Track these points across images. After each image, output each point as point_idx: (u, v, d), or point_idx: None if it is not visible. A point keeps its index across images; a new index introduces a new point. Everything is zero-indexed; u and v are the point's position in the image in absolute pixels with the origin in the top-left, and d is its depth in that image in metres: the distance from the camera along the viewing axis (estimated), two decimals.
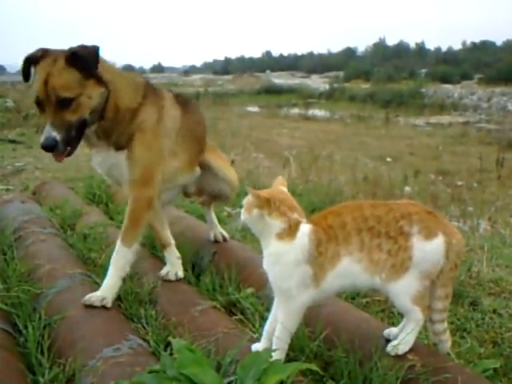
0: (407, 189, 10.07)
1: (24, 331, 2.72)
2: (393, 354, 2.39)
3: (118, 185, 3.33)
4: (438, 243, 2.27)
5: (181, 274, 3.46)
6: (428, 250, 2.27)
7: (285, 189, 2.44)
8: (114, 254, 3.09)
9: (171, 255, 3.49)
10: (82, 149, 2.97)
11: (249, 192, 2.33)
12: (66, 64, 2.68)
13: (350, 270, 2.30)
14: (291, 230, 2.31)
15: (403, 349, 2.39)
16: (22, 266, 3.50)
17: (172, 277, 3.41)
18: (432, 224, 2.30)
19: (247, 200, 2.36)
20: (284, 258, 2.31)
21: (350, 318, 2.75)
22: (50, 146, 2.64)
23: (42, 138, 2.64)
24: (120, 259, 3.08)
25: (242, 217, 2.40)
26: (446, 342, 2.49)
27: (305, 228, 2.31)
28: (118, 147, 3.02)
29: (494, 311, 3.32)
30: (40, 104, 2.70)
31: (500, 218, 7.58)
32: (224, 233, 4.10)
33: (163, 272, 3.44)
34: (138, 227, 3.13)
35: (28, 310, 2.96)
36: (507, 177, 12.60)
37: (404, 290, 2.30)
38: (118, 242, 3.10)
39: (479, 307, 3.39)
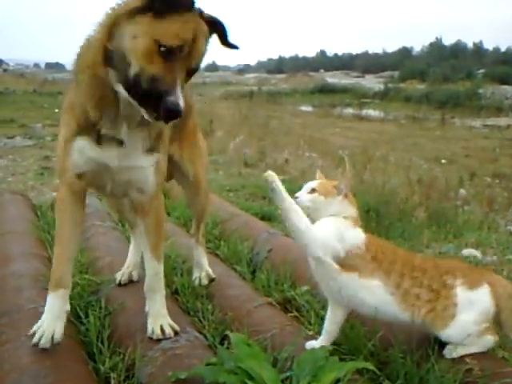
0: (462, 191, 9.90)
1: (85, 320, 2.80)
2: (449, 356, 2.38)
3: (105, 192, 2.58)
4: (483, 292, 2.34)
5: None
6: (474, 298, 2.33)
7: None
8: (154, 276, 2.67)
9: None
10: None
11: (320, 177, 2.54)
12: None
13: (378, 293, 2.40)
14: (355, 222, 2.47)
15: (460, 352, 2.38)
16: (83, 258, 3.59)
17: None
18: (476, 277, 2.38)
19: (323, 185, 2.50)
20: (345, 230, 2.43)
21: None
22: (180, 112, 2.02)
23: (174, 98, 2.00)
24: (160, 279, 2.71)
25: (307, 200, 2.49)
26: None
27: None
28: (149, 149, 2.44)
29: None
30: (170, 53, 2.03)
31: None
32: (210, 273, 3.39)
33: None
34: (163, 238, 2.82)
35: (89, 300, 3.03)
36: None
37: (457, 337, 2.37)
38: (154, 262, 2.65)
39: None
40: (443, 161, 15.87)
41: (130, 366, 2.42)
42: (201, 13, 2.14)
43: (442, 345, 2.42)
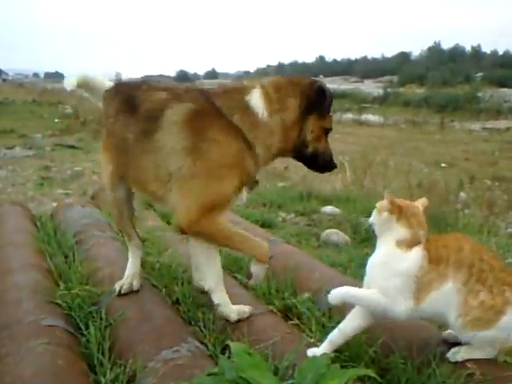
0: (462, 195, 9.90)
1: (85, 332, 2.79)
2: (453, 360, 2.38)
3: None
4: None
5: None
6: None
7: (421, 207, 2.55)
8: None
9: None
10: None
11: (386, 197, 2.48)
12: None
13: (448, 296, 2.35)
14: (411, 242, 2.41)
15: (463, 356, 2.38)
16: (83, 269, 3.58)
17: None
18: None
19: (381, 203, 2.51)
20: (397, 264, 2.39)
21: (407, 325, 2.71)
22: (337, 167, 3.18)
23: (334, 161, 3.11)
24: None
25: (372, 217, 2.54)
26: None
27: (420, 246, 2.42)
28: None
29: None
30: (327, 132, 3.01)
31: None
32: None
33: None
34: None
35: (89, 311, 3.03)
36: None
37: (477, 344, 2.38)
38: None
39: None
40: (443, 164, 15.90)
41: (131, 377, 2.42)
42: None
43: (442, 351, 2.43)
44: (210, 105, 2.79)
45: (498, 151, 20.19)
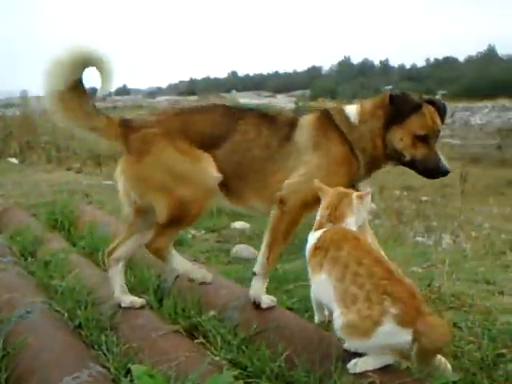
0: (372, 206, 10.14)
1: None
2: (352, 371, 2.42)
3: None
4: (405, 335, 2.31)
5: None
6: (396, 334, 2.32)
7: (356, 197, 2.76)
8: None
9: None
10: (41, 174, 2.96)
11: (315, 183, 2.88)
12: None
13: (325, 287, 2.50)
14: (318, 225, 2.76)
15: (362, 367, 2.42)
16: None
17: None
18: (411, 316, 2.33)
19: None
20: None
21: (311, 337, 2.77)
22: (449, 171, 3.21)
23: (444, 164, 3.18)
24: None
25: None
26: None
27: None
28: None
29: (455, 325, 3.36)
30: (424, 138, 3.17)
31: (462, 232, 7.67)
32: None
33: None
34: None
35: None
36: (470, 192, 12.79)
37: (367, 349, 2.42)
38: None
39: None
40: None
41: None
42: (427, 101, 3.28)
43: (345, 361, 2.46)
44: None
45: None
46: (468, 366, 2.84)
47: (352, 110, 3.35)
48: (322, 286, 2.52)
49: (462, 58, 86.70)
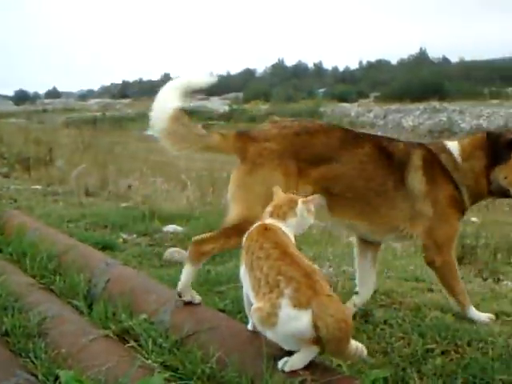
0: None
1: None
2: (281, 369, 2.42)
3: None
4: (304, 317, 2.29)
5: None
6: (293, 318, 2.31)
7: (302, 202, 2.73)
8: None
9: None
10: None
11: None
12: None
13: (245, 278, 2.55)
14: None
15: (292, 366, 2.41)
16: None
17: None
18: (305, 296, 2.32)
19: None
20: None
21: (243, 338, 2.78)
22: None
23: None
24: None
25: None
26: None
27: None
28: None
29: (385, 322, 3.43)
30: None
31: None
32: None
33: None
34: None
35: None
36: None
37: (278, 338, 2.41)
38: None
39: (371, 319, 3.51)
40: None
41: None
42: None
43: (276, 360, 2.48)
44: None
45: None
46: (398, 362, 2.90)
47: (454, 147, 3.56)
48: (243, 278, 2.57)
49: (394, 61, 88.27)
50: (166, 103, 3.33)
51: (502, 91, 49.77)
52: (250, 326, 2.79)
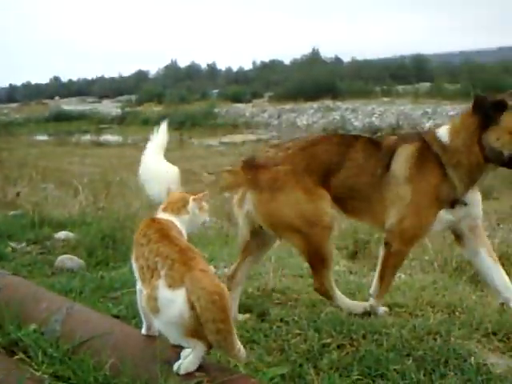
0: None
1: None
2: (179, 372, 2.41)
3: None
4: (179, 295, 2.30)
5: None
6: (171, 299, 2.32)
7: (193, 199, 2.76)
8: None
9: None
10: None
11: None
12: None
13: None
14: None
15: (187, 368, 2.40)
16: None
17: None
18: (179, 273, 2.32)
19: None
20: None
21: (137, 343, 2.74)
22: None
23: None
24: None
25: None
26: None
27: None
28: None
29: (282, 320, 3.48)
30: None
31: None
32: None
33: None
34: None
35: None
36: None
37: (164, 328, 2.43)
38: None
39: (267, 317, 3.56)
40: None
41: None
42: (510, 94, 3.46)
43: (171, 363, 2.46)
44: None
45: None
46: (295, 358, 2.94)
47: (444, 130, 3.57)
48: (134, 272, 2.56)
49: (287, 61, 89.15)
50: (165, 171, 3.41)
51: (392, 89, 51.54)
52: (144, 331, 2.76)
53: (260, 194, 3.49)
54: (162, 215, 2.71)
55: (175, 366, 2.42)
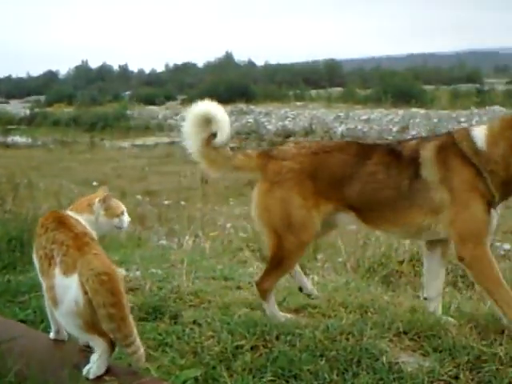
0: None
1: None
2: (88, 377, 2.37)
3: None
4: (73, 281, 2.28)
5: None
6: (66, 287, 2.29)
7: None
8: None
9: None
10: None
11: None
12: None
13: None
14: None
15: (96, 372, 2.37)
16: None
17: None
18: (72, 259, 2.30)
19: None
20: None
21: (45, 348, 2.70)
22: None
23: None
24: None
25: None
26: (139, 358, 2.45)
27: None
28: None
29: (194, 322, 3.47)
30: None
31: (202, 232, 7.87)
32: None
33: None
34: None
35: None
36: (211, 193, 13.29)
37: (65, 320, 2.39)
38: None
39: (180, 320, 3.54)
40: (94, 183, 15.92)
41: None
42: None
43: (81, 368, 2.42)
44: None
45: (147, 166, 21.05)
46: (208, 361, 2.94)
47: (479, 132, 3.40)
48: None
49: (201, 64, 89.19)
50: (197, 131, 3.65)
51: (305, 94, 52.20)
52: (52, 335, 2.71)
53: (263, 182, 3.56)
54: (67, 213, 2.65)
55: (84, 371, 2.39)
